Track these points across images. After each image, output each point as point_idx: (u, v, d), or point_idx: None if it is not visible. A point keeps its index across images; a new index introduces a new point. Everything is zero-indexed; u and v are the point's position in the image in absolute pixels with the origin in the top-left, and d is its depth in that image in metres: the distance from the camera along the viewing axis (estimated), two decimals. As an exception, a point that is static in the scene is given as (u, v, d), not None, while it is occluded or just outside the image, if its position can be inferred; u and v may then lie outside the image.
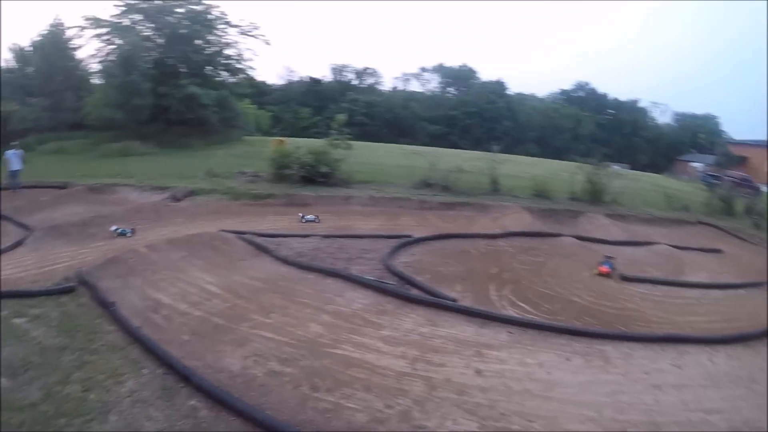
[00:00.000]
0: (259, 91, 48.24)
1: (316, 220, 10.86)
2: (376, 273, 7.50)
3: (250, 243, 8.35)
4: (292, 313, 5.74)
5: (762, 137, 66.04)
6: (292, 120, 53.88)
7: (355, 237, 9.42)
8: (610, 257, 9.16)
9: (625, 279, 8.78)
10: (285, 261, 7.65)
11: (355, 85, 65.98)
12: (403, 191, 14.14)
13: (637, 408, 4.60)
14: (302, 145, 15.16)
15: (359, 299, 6.28)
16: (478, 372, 4.82)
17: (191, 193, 12.51)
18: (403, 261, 8.27)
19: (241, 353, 4.70)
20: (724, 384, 5.34)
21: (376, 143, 34.54)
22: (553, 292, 7.79)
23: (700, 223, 16.70)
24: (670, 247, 11.97)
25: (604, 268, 8.39)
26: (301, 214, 11.24)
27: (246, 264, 7.51)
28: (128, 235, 9.25)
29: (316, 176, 13.90)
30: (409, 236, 9.64)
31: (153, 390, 4.02)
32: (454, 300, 6.63)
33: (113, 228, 9.30)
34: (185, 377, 4.14)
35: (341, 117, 15.95)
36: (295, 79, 65.53)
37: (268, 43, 29.35)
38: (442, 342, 5.37)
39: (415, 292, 6.79)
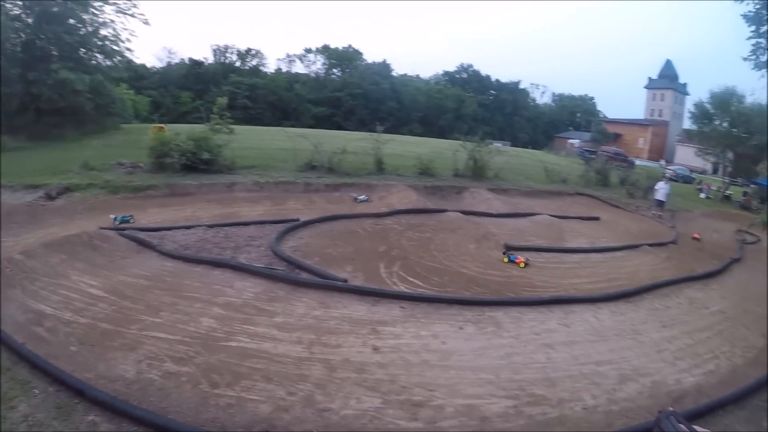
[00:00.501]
0: (137, 75, 48.02)
1: (369, 200, 12.01)
2: (264, 260, 7.69)
3: (132, 239, 8.11)
4: (182, 310, 5.69)
5: (635, 116, 78.26)
6: (173, 105, 53.90)
7: (241, 224, 9.60)
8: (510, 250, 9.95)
9: (510, 248, 9.84)
10: (170, 255, 7.53)
11: (238, 67, 66.88)
12: (288, 175, 14.53)
13: (531, 367, 5.26)
14: (183, 132, 14.72)
15: (249, 288, 6.39)
16: (376, 349, 5.15)
17: (66, 190, 11.71)
18: (291, 245, 8.58)
19: (134, 358, 4.61)
20: (610, 337, 6.31)
21: (260, 127, 34.56)
22: (442, 265, 8.49)
23: (579, 194, 19.66)
24: (551, 217, 13.81)
25: (520, 260, 9.13)
26: (354, 195, 12.95)
27: (129, 262, 7.29)
28: (131, 222, 9.46)
29: (198, 164, 13.72)
30: (296, 220, 10.02)
31: (47, 410, 3.95)
32: (345, 281, 7.00)
33: (112, 217, 9.50)
34: (79, 392, 4.11)
35: (223, 100, 16.05)
36: (176, 61, 65.27)
37: (147, 23, 27.64)
38: (337, 323, 5.66)
39: (305, 275, 7.09)
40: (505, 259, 9.12)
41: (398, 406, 4.20)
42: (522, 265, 8.87)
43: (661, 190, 18.33)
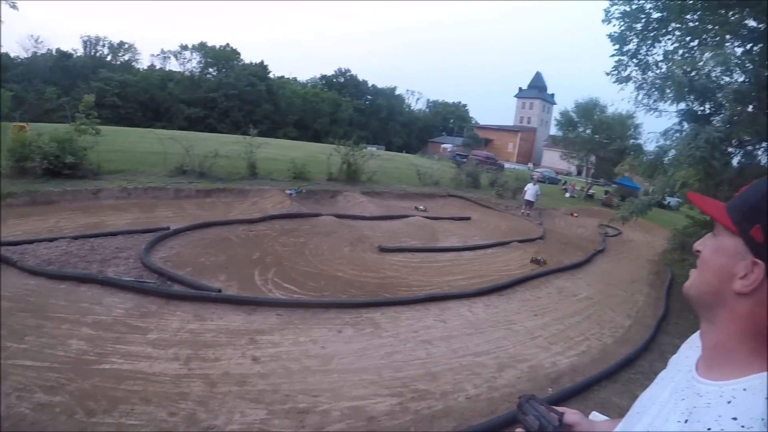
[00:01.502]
0: (-3, 66, 43.09)
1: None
2: (134, 272, 7.24)
3: (-10, 256, 7.04)
4: (48, 332, 5.08)
5: (505, 122, 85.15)
6: (36, 101, 48.80)
7: (108, 235, 8.91)
8: None
9: (384, 250, 10.25)
10: (32, 272, 6.64)
11: (109, 61, 63.37)
12: (158, 180, 13.69)
13: (412, 364, 5.39)
14: (45, 132, 13.11)
15: (119, 304, 5.94)
16: (255, 359, 5.02)
17: None
18: (162, 256, 8.17)
19: (2, 391, 3.99)
20: (486, 329, 6.70)
21: (129, 128, 31.90)
22: (317, 269, 8.48)
23: (450, 195, 20.88)
24: (424, 218, 14.51)
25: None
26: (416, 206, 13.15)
27: (-12, 281, 6.36)
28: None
29: (62, 168, 12.31)
30: (166, 228, 9.58)
31: None
32: (219, 290, 6.77)
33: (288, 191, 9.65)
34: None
35: (90, 98, 14.61)
36: (42, 51, 60.03)
37: (14, 7, 24.01)
38: (214, 335, 5.45)
39: (177, 287, 6.80)
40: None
41: (284, 416, 4.12)
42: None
43: (530, 191, 20.05)
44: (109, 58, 64.68)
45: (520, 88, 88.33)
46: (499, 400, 4.79)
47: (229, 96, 65.62)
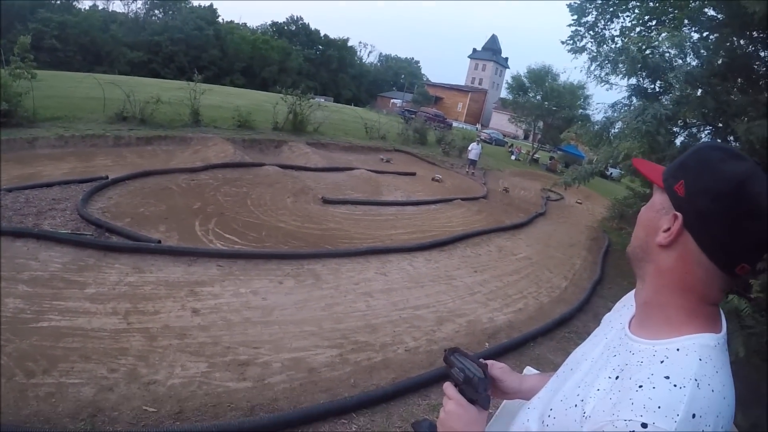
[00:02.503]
0: None
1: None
2: (71, 225, 6.90)
3: None
4: None
5: (456, 82, 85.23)
6: None
7: (44, 186, 8.41)
8: None
9: (327, 202, 10.24)
10: None
11: (48, 1, 57.03)
12: (97, 127, 12.94)
13: (352, 315, 5.45)
14: None
15: (56, 258, 5.65)
16: (195, 311, 4.94)
17: None
18: (99, 207, 7.83)
19: None
20: (426, 284, 6.83)
21: (68, 72, 29.62)
22: (259, 220, 8.36)
23: (397, 150, 20.92)
24: (369, 172, 14.52)
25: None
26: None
27: None
28: None
29: None
30: (104, 178, 9.15)
31: None
32: (158, 242, 6.58)
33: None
34: None
35: (25, 40, 13.28)
36: None
37: None
38: (153, 288, 5.30)
39: (116, 239, 6.56)
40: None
41: (225, 368, 4.10)
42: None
43: (474, 150, 20.39)
44: None
45: (474, 49, 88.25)
46: (437, 353, 4.91)
47: (174, 40, 62.43)
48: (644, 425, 0.71)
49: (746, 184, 0.79)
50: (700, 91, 8.17)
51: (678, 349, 0.80)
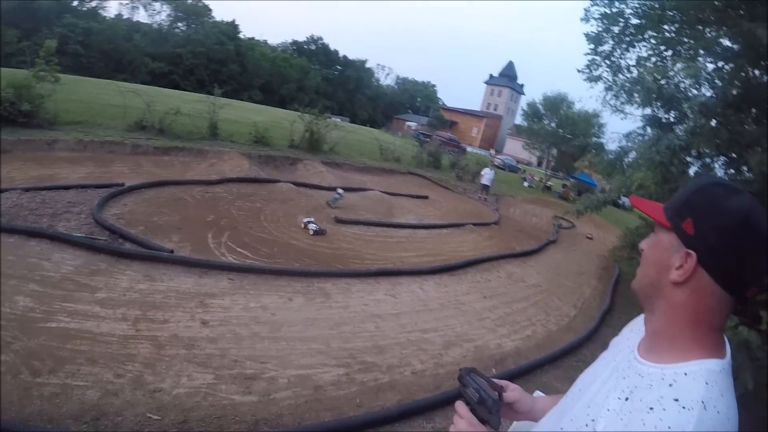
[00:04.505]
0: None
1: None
2: (85, 228, 7.01)
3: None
4: None
5: (472, 107, 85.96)
6: None
7: (61, 188, 8.57)
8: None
9: (340, 221, 10.31)
10: None
11: (75, 7, 59.14)
12: (116, 134, 13.19)
13: (360, 336, 5.46)
14: (2, 77, 12.27)
15: (69, 261, 5.74)
16: (204, 323, 4.97)
17: None
18: (114, 213, 7.93)
19: None
20: (435, 307, 6.84)
21: (90, 78, 30.30)
22: (271, 236, 8.43)
23: (410, 173, 21.07)
24: (382, 193, 14.58)
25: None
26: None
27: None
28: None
29: (17, 116, 11.58)
30: (120, 185, 9.28)
31: None
32: (171, 251, 6.65)
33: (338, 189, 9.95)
34: None
35: (51, 43, 13.67)
36: None
37: None
38: (163, 297, 5.35)
39: (129, 246, 6.63)
40: None
41: (231, 381, 4.12)
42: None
43: (486, 175, 20.46)
44: (75, 2, 60.83)
45: (491, 75, 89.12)
46: (444, 376, 4.91)
47: (196, 53, 63.88)
48: None
49: (750, 217, 0.85)
50: (714, 121, 8.17)
51: (686, 374, 0.85)
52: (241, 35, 73.38)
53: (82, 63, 49.25)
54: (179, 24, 70.59)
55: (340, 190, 11.96)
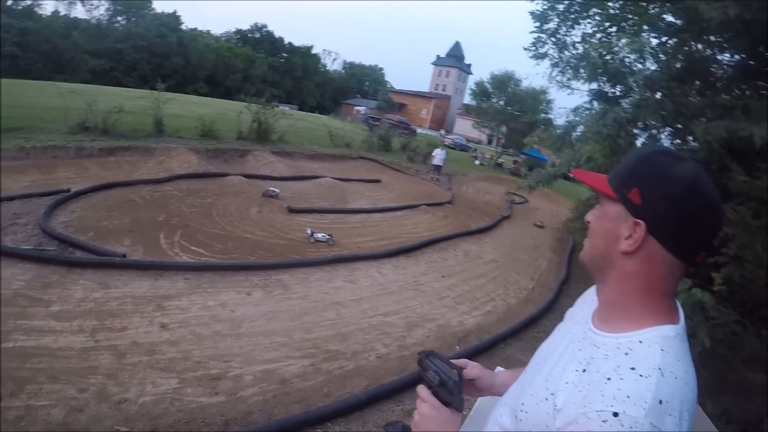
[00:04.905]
0: None
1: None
2: (33, 240, 6.71)
3: None
4: None
5: (420, 88, 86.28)
6: None
7: (4, 200, 8.09)
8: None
9: (293, 211, 10.21)
10: None
11: (9, 6, 55.52)
12: (58, 138, 12.51)
13: (322, 325, 5.44)
14: None
15: (19, 276, 5.46)
16: (164, 326, 4.86)
17: None
18: (62, 221, 7.60)
19: None
20: (394, 290, 6.89)
21: (29, 81, 28.50)
22: (225, 231, 8.28)
23: (362, 158, 20.99)
24: (334, 180, 14.58)
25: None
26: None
27: None
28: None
29: None
30: (66, 191, 8.89)
31: None
32: (123, 256, 6.43)
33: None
34: None
35: None
36: None
37: None
38: (119, 304, 5.19)
39: (80, 254, 6.41)
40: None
41: (196, 383, 4.04)
42: None
43: (438, 155, 20.75)
44: (9, 2, 57.33)
45: (438, 56, 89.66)
46: (408, 358, 4.95)
47: (137, 48, 61.76)
48: (615, 414, 0.75)
49: (696, 184, 0.86)
50: (659, 94, 8.42)
51: (641, 342, 0.85)
52: (183, 26, 71.91)
53: (20, 65, 47.11)
54: (119, 18, 68.33)
55: (274, 189, 11.78)
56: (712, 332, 4.70)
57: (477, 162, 33.36)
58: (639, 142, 9.67)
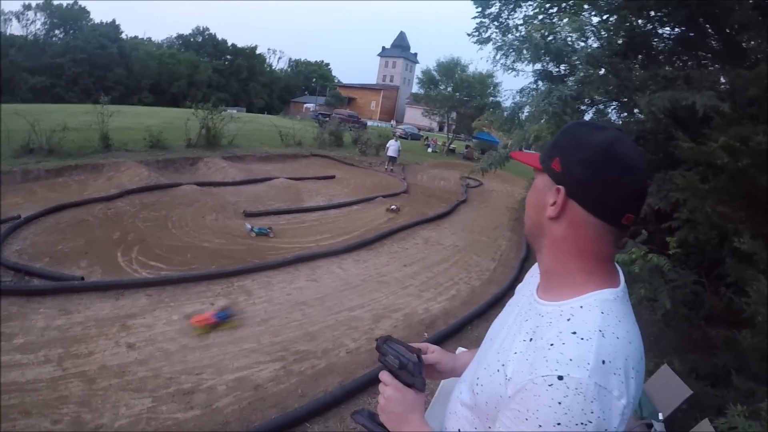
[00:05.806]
0: None
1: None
2: None
3: None
4: None
5: (368, 81, 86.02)
6: None
7: None
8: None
9: (249, 215, 10.14)
10: None
11: None
12: (2, 163, 11.89)
13: (289, 326, 5.46)
14: None
15: None
16: (131, 346, 4.77)
17: None
18: (15, 249, 7.32)
19: None
20: (357, 284, 6.95)
21: None
22: (182, 242, 8.15)
23: (314, 155, 21.00)
24: (288, 180, 14.50)
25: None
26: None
27: None
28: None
29: None
30: (17, 217, 8.54)
31: None
32: (81, 278, 6.27)
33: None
34: None
35: None
36: None
37: None
38: (83, 328, 5.06)
39: (37, 282, 6.20)
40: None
41: (170, 400, 4.00)
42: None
43: (392, 147, 20.97)
44: None
45: (384, 47, 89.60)
46: (378, 350, 5.01)
47: (77, 60, 59.38)
48: (560, 377, 0.80)
49: (612, 147, 0.91)
50: (602, 70, 8.65)
51: (581, 307, 0.90)
52: (123, 35, 69.73)
53: (-44, 90, 44.60)
54: (56, 31, 65.42)
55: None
56: (672, 294, 4.92)
57: (430, 150, 33.57)
58: (587, 118, 9.93)
